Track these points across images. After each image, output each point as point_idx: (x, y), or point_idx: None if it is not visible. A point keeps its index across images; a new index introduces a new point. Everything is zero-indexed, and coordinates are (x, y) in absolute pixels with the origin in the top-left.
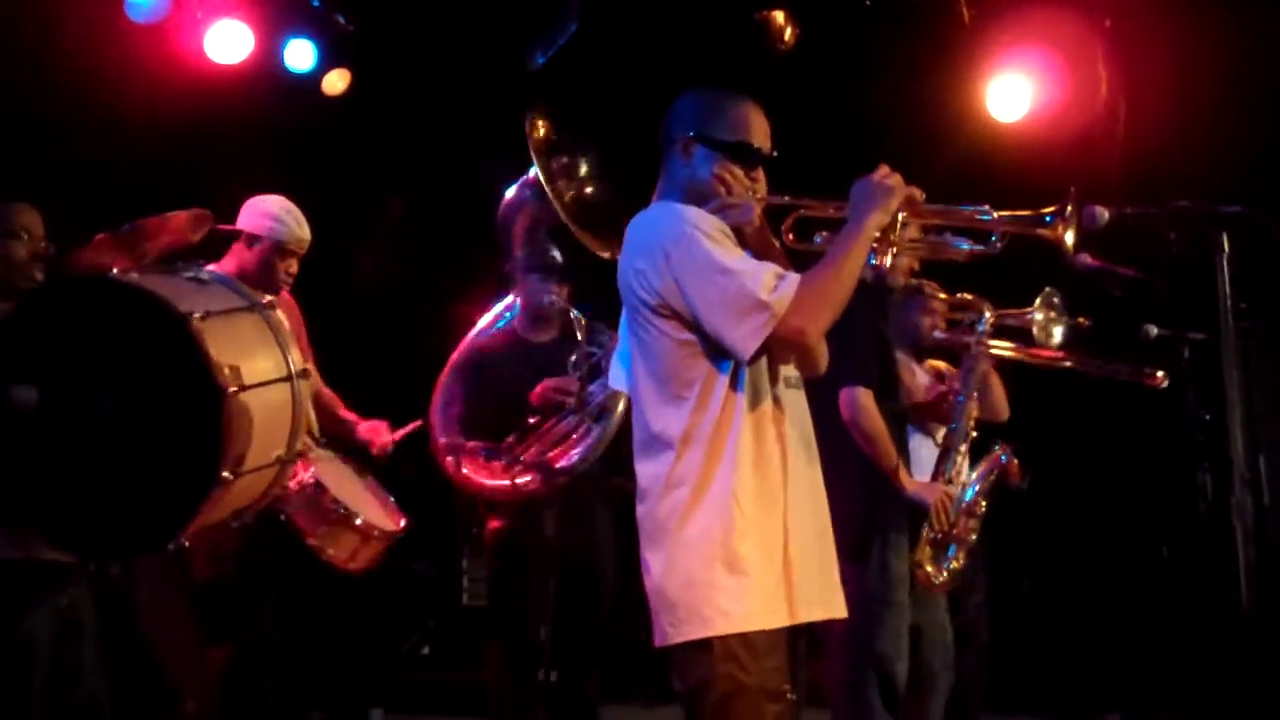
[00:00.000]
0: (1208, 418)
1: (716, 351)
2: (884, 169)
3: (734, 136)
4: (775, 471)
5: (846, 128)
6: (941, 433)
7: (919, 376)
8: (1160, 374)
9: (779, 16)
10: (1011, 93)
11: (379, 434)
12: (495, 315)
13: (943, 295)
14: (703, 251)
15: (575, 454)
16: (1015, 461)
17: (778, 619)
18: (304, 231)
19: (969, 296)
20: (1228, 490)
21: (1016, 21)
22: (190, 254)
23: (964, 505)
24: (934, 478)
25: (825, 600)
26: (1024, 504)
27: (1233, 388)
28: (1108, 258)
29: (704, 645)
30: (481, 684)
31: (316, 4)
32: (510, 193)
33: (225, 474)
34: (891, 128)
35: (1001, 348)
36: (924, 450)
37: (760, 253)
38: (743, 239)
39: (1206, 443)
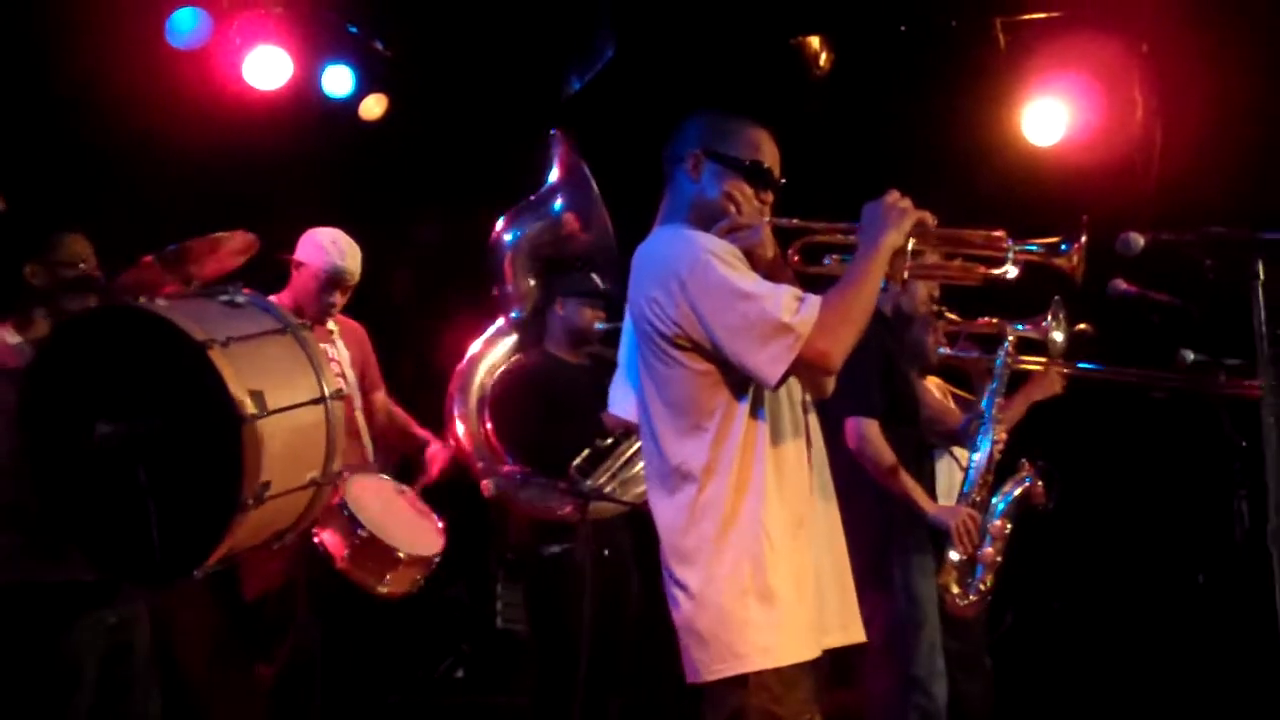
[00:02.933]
0: (1244, 444)
1: (736, 379)
2: (895, 193)
3: (746, 155)
4: (797, 498)
5: (882, 153)
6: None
7: (937, 397)
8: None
9: (814, 42)
10: (1047, 117)
11: (436, 462)
12: (491, 339)
13: (959, 320)
14: (719, 276)
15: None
16: (1041, 482)
17: (810, 650)
18: (347, 262)
19: (990, 321)
20: (1264, 517)
21: (1052, 46)
22: (254, 281)
23: (989, 527)
24: (958, 500)
25: (845, 625)
26: (1058, 527)
27: (1269, 414)
28: (1143, 283)
29: (739, 680)
30: (516, 708)
31: (354, 30)
32: None
33: (248, 501)
34: (927, 152)
35: (1026, 362)
36: (957, 474)
37: (771, 276)
38: (754, 262)
39: (1243, 469)
